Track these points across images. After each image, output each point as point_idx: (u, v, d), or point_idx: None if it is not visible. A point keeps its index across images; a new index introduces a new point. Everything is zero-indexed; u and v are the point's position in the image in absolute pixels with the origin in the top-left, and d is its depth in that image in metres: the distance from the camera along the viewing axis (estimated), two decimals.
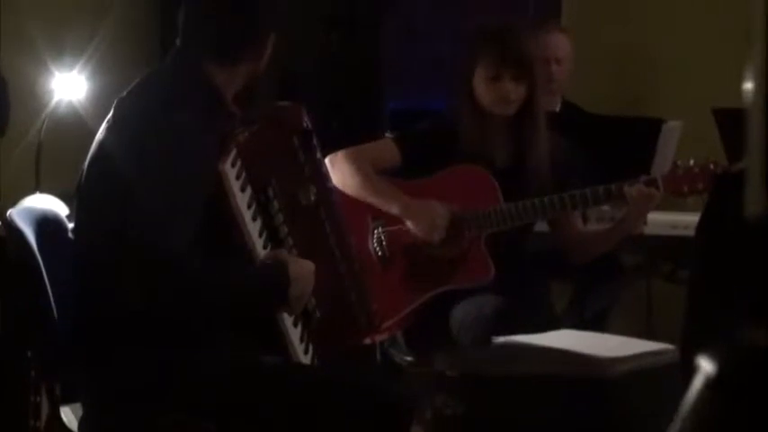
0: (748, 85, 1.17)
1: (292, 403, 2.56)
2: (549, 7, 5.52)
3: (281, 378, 2.60)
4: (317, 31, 4.93)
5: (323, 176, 2.87)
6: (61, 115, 4.29)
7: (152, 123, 2.51)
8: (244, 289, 2.59)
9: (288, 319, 2.71)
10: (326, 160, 3.15)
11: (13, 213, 2.68)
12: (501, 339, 3.13)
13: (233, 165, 2.59)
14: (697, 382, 1.15)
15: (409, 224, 3.46)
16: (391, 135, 3.72)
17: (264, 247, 2.67)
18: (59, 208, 2.81)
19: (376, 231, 3.53)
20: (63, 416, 2.68)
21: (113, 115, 2.61)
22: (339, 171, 3.47)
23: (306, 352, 2.76)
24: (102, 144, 2.59)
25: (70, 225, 2.76)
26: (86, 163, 2.62)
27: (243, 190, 2.62)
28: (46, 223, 2.71)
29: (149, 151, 2.48)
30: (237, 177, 2.61)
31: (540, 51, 4.35)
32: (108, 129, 2.60)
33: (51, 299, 2.61)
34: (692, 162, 3.38)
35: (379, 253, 3.52)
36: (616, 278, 4.39)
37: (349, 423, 2.56)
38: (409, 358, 3.57)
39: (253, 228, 2.64)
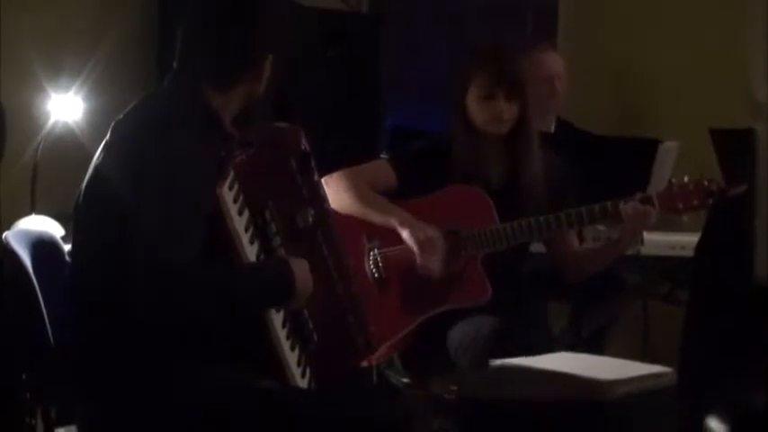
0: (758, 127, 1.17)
1: (289, 427, 2.54)
2: (547, 27, 5.53)
3: (278, 402, 2.59)
4: (315, 50, 4.93)
5: (320, 199, 2.86)
6: (57, 137, 4.29)
7: (149, 145, 2.51)
8: (249, 288, 2.56)
9: (285, 344, 2.70)
10: (323, 181, 3.14)
11: (9, 235, 2.68)
12: (498, 362, 3.11)
13: (230, 188, 2.59)
14: None
15: (405, 236, 3.44)
16: (386, 156, 3.72)
17: None
18: (55, 229, 2.81)
19: (372, 253, 3.52)
20: None
21: (110, 138, 2.61)
22: (335, 190, 3.46)
23: (303, 376, 2.74)
24: (99, 166, 2.59)
25: (66, 247, 2.75)
26: (83, 185, 2.62)
27: (240, 213, 2.62)
28: (41, 245, 2.71)
29: (147, 173, 2.47)
30: (235, 200, 2.60)
31: (538, 69, 4.37)
32: (105, 151, 2.60)
33: (47, 321, 2.61)
34: (686, 179, 3.38)
35: (376, 274, 3.51)
36: (614, 297, 4.38)
37: None
38: (406, 380, 3.56)
39: (250, 251, 2.63)
